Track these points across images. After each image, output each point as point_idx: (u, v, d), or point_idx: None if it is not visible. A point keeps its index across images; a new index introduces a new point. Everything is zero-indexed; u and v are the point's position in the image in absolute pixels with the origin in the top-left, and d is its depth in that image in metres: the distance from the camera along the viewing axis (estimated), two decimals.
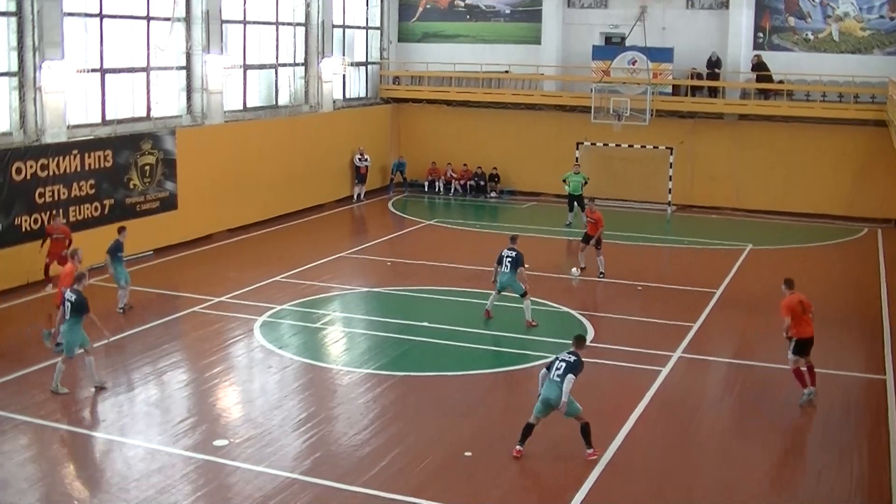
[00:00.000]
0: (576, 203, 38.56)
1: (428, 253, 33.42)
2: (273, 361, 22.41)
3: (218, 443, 17.80)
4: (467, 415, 19.36)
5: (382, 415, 19.41)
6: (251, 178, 37.15)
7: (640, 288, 29.23)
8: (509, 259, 25.28)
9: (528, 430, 17.45)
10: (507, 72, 45.92)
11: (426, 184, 46.95)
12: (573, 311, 26.32)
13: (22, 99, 28.68)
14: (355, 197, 44.09)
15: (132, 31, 32.98)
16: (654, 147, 42.45)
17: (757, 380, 21.89)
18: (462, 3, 47.89)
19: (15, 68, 28.58)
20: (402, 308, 27.09)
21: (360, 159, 43.99)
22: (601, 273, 30.32)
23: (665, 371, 21.92)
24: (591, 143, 43.18)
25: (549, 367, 17.43)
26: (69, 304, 20.18)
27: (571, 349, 17.59)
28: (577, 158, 42.76)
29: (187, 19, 34.84)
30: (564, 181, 39.41)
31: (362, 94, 47.63)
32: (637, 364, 22.34)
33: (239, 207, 36.63)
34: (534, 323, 25.10)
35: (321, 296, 27.81)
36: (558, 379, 17.09)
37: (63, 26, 29.25)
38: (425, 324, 25.02)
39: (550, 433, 18.02)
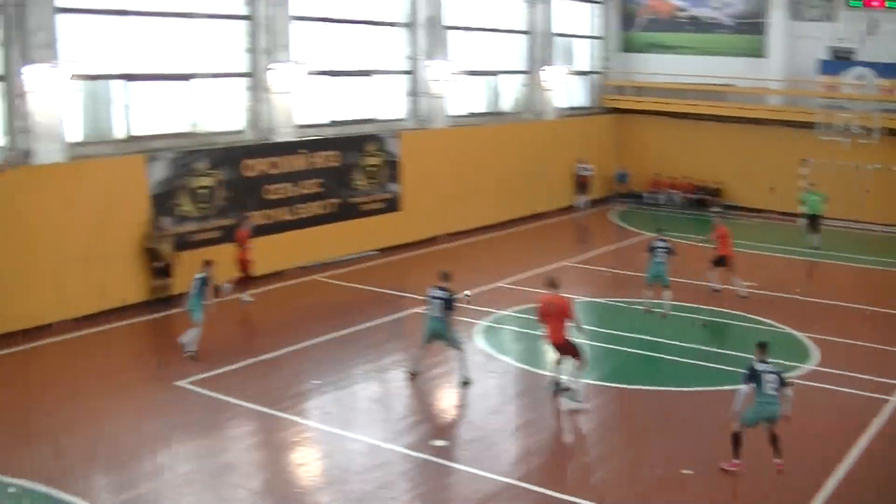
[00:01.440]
0: (814, 224, 37.22)
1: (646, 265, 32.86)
2: (493, 366, 22.34)
3: (437, 443, 17.80)
4: (687, 431, 18.84)
5: (601, 425, 19.10)
6: (473, 183, 37.29)
7: (869, 312, 28.05)
8: (663, 250, 25.99)
9: (738, 439, 16.90)
10: (731, 85, 44.97)
11: (648, 195, 46.36)
12: (796, 332, 25.44)
13: (254, 99, 29.41)
14: (577, 206, 43.82)
15: (359, 36, 33.49)
16: (885, 166, 40.80)
17: None
18: (684, 15, 47.16)
19: (248, 69, 29.32)
20: (623, 319, 26.68)
21: (582, 168, 43.72)
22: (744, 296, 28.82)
23: (894, 401, 20.91)
24: (818, 161, 41.84)
25: (751, 381, 16.69)
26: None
27: (762, 359, 16.87)
28: (803, 175, 41.55)
29: (412, 25, 35.21)
30: (802, 201, 38.26)
31: (585, 104, 47.35)
32: (863, 391, 21.27)
33: (461, 211, 36.81)
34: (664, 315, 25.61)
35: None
36: (775, 392, 16.58)
37: (291, 30, 29.88)
38: (646, 336, 24.58)
39: (764, 458, 17.42)
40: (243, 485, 15.86)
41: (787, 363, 22.50)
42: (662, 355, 23.07)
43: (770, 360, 16.89)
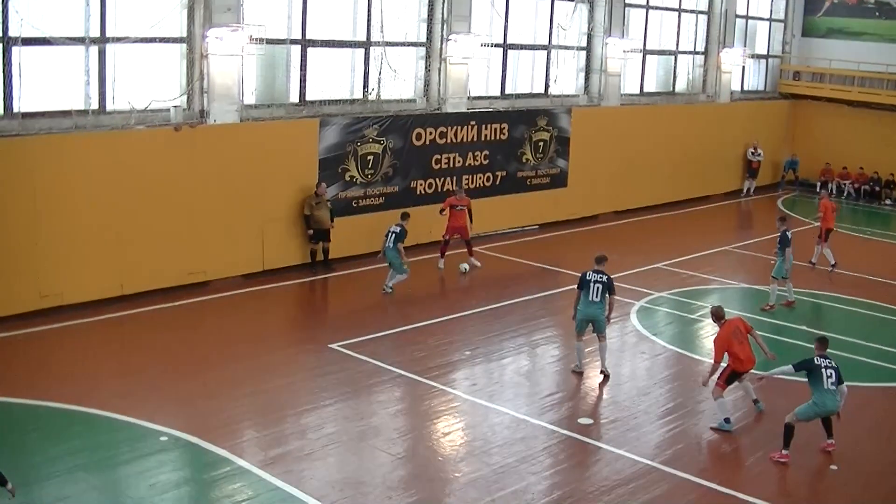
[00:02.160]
0: None
1: (811, 255, 32.33)
2: (645, 347, 22.33)
3: (582, 421, 17.90)
4: (837, 426, 18.57)
5: (749, 414, 18.90)
6: (641, 162, 37.13)
7: None
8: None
9: (791, 432, 16.86)
10: None
11: (818, 184, 45.48)
12: None
13: (428, 69, 29.79)
14: (745, 191, 43.32)
15: (537, 10, 33.55)
16: None
17: None
18: (872, 0, 45.91)
19: (424, 39, 29.67)
20: (781, 309, 26.37)
21: (753, 153, 43.13)
22: (831, 266, 30.18)
23: None
24: None
25: (808, 369, 16.98)
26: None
27: (821, 353, 17.18)
28: None
29: (591, 1, 35.10)
30: None
31: (760, 87, 46.63)
32: None
33: (627, 190, 36.70)
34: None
35: (700, 287, 27.47)
36: (834, 388, 16.73)
37: (472, 1, 30.08)
38: (804, 328, 24.23)
39: None
40: (387, 449, 16.18)
41: None
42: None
43: (829, 356, 17.10)
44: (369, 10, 27.95)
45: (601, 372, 20.15)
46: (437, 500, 14.78)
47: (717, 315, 18.84)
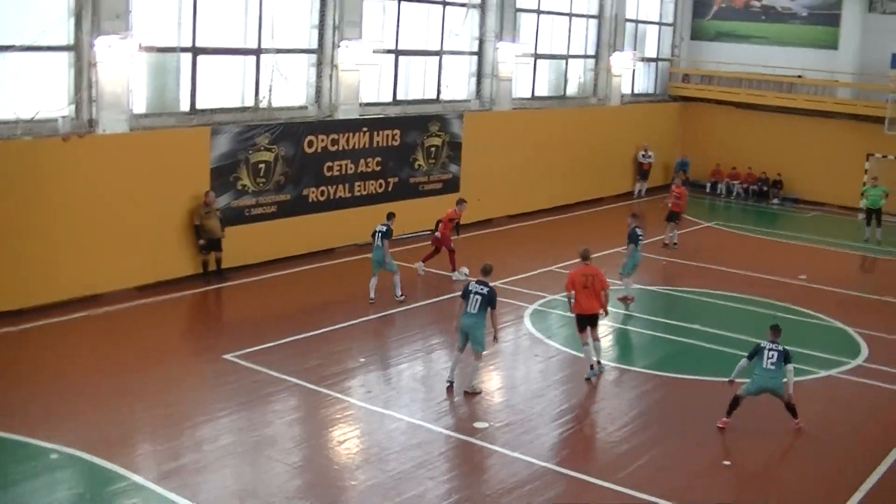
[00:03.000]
0: (874, 218, 37.17)
1: (704, 255, 32.91)
2: (539, 350, 22.53)
3: (478, 424, 18.00)
4: (731, 424, 18.94)
5: (644, 414, 19.19)
6: (534, 166, 37.40)
7: None
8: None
9: (736, 403, 18.44)
10: (800, 76, 44.64)
11: (708, 185, 46.24)
12: (848, 328, 25.39)
13: (319, 75, 29.70)
14: (636, 193, 43.86)
15: (428, 15, 33.69)
16: None
17: None
18: (758, 3, 46.77)
19: (315, 46, 29.59)
20: (674, 308, 26.80)
21: (643, 155, 43.70)
22: (674, 244, 33.42)
23: None
24: (884, 156, 41.46)
25: (754, 356, 18.40)
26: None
27: (771, 339, 18.44)
28: (865, 170, 41.31)
29: (482, 6, 35.33)
30: (863, 194, 38.17)
31: (650, 90, 47.27)
32: None
33: (520, 194, 36.95)
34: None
35: None
36: (773, 367, 18.13)
37: (363, 7, 30.07)
38: (697, 326, 24.63)
39: (812, 452, 17.63)
40: (283, 459, 16.13)
41: (835, 357, 22.65)
42: (712, 345, 23.06)
43: (779, 342, 18.31)
44: (260, 17, 27.76)
45: (465, 391, 19.65)
46: None
47: (584, 256, 21.32)
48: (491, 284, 19.86)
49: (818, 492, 16.44)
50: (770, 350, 18.20)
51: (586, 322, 20.65)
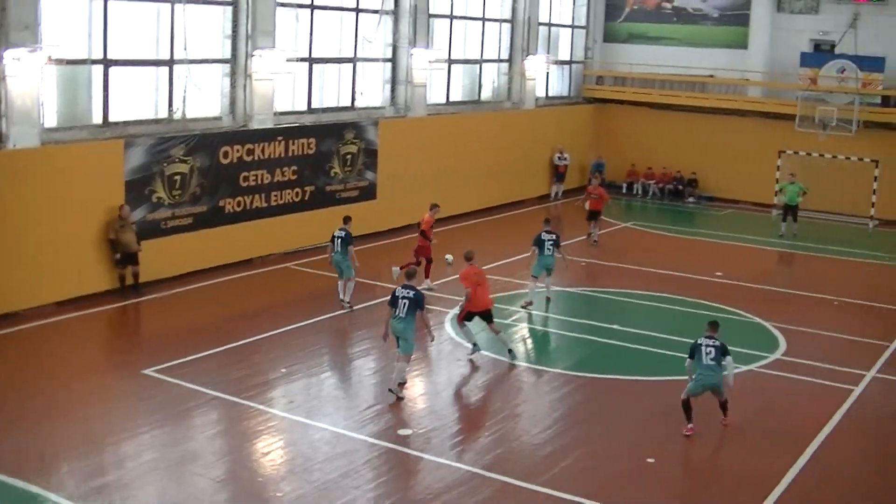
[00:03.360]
0: (790, 214, 37.87)
1: (622, 255, 33.19)
2: (461, 354, 22.53)
3: (402, 432, 17.99)
4: (653, 421, 19.13)
5: (567, 415, 19.31)
6: (451, 171, 37.42)
7: (836, 303, 28.43)
8: (550, 242, 26.58)
9: (687, 405, 18.48)
10: (711, 76, 45.21)
11: (624, 185, 46.64)
12: (766, 323, 25.76)
13: (233, 85, 29.51)
14: (553, 195, 44.10)
15: (341, 23, 33.60)
16: (860, 159, 41.11)
17: None
18: (669, 5, 47.35)
19: (228, 55, 29.40)
20: (594, 309, 26.97)
21: (559, 158, 43.96)
22: (594, 242, 34.48)
23: (858, 390, 21.21)
24: (794, 152, 42.07)
25: (694, 354, 18.43)
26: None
27: (709, 335, 18.49)
28: (778, 167, 41.91)
29: (395, 12, 35.32)
30: (780, 190, 38.81)
31: (565, 93, 47.58)
32: (829, 381, 21.67)
33: (438, 199, 36.72)
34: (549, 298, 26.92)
35: (514, 292, 27.84)
36: (713, 362, 18.19)
37: (276, 16, 29.94)
38: (616, 326, 24.83)
39: (733, 447, 17.84)
40: (206, 474, 15.98)
41: (754, 352, 22.96)
42: (632, 345, 23.24)
43: (716, 336, 18.35)
44: (172, 28, 27.48)
45: (389, 390, 19.75)
46: None
47: (467, 257, 22.35)
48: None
49: (742, 486, 16.60)
50: (707, 346, 18.28)
51: (479, 316, 21.81)
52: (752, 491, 16.30)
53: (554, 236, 26.63)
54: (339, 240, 25.56)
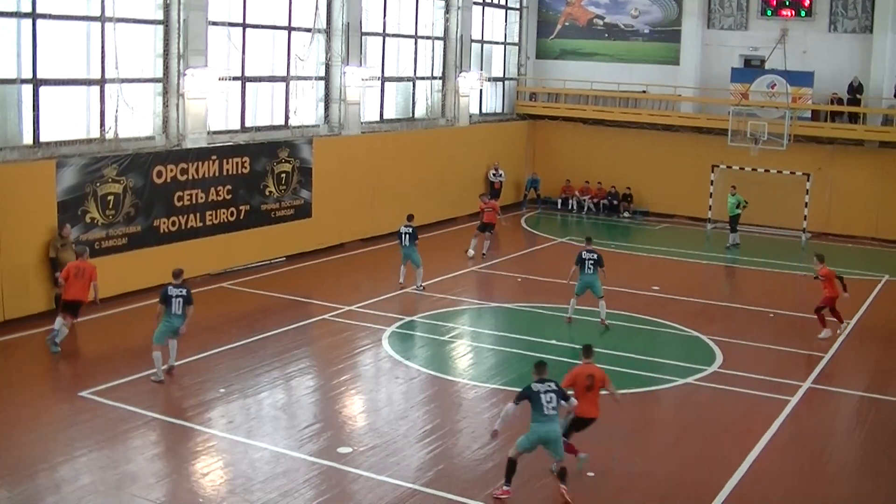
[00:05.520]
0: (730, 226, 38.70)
1: (559, 271, 33.19)
2: (400, 372, 22.51)
3: (342, 450, 17.90)
4: (592, 435, 19.15)
5: (507, 430, 19.23)
6: (386, 189, 37.42)
7: (772, 315, 28.74)
8: (591, 261, 26.27)
9: (513, 466, 16.41)
10: (644, 92, 45.61)
11: (559, 201, 46.88)
12: (703, 336, 25.98)
13: (165, 104, 29.29)
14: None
15: (274, 41, 33.51)
16: (791, 172, 41.71)
17: (890, 414, 21.37)
18: (601, 22, 47.74)
19: (160, 74, 29.19)
20: (531, 325, 27.02)
21: (494, 174, 44.10)
22: (483, 254, 34.93)
23: (794, 401, 21.43)
24: (727, 167, 42.57)
25: (527, 399, 16.21)
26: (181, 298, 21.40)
27: (540, 378, 16.44)
28: (711, 181, 42.36)
29: (328, 31, 35.28)
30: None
31: (498, 110, 47.77)
32: (765, 392, 21.89)
33: (373, 218, 36.92)
34: (605, 323, 26.08)
35: (450, 309, 27.89)
36: (554, 411, 16.18)
37: (207, 35, 29.79)
38: (553, 342, 24.91)
39: (672, 460, 17.94)
40: (146, 496, 15.79)
41: (691, 365, 23.14)
42: (570, 360, 23.06)
43: (548, 378, 16.47)
44: (103, 47, 27.24)
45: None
46: None
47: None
48: (345, 308, 19.92)
49: (680, 499, 16.71)
50: (547, 393, 16.16)
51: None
52: (692, 499, 16.37)
53: (595, 256, 26.52)
54: (407, 235, 29.22)
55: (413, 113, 41.39)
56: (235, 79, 31.72)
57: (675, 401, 21.88)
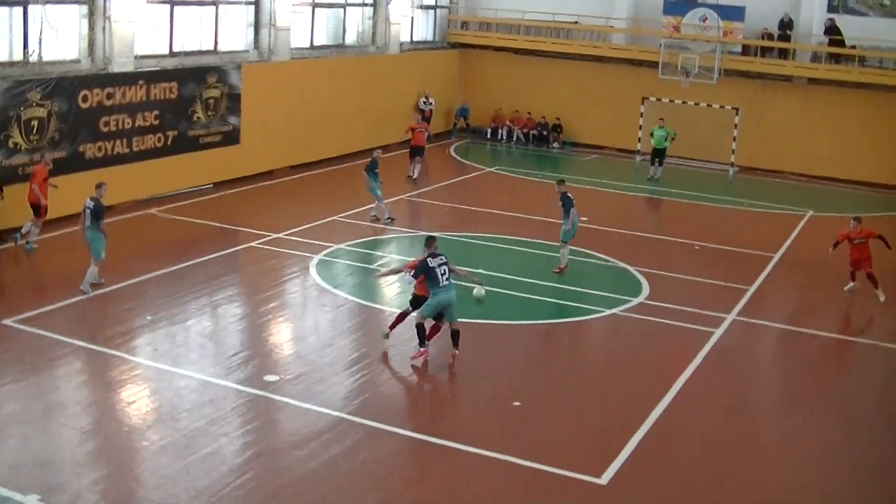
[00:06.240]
0: (657, 157, 38.81)
1: (487, 200, 33.43)
2: (327, 300, 22.54)
3: (269, 378, 17.91)
4: (520, 364, 19.40)
5: (434, 359, 19.41)
6: (315, 116, 37.19)
7: (697, 247, 29.08)
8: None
9: (422, 329, 18.89)
10: (576, 23, 45.51)
11: (489, 131, 46.86)
12: (629, 267, 26.21)
13: (91, 27, 28.77)
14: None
15: None
16: (721, 107, 41.97)
17: (811, 346, 21.79)
18: None
19: None
20: (459, 254, 26.96)
21: (424, 102, 43.94)
22: (414, 179, 35.70)
23: (718, 333, 21.78)
24: (657, 99, 42.71)
25: (424, 273, 18.75)
26: (88, 210, 21.51)
27: (432, 253, 19.01)
28: (641, 113, 42.56)
29: None
30: (651, 134, 39.47)
31: (430, 38, 47.44)
32: (690, 324, 22.21)
33: (301, 145, 36.71)
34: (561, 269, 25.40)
35: (379, 237, 27.92)
36: (448, 282, 18.69)
37: None
38: (481, 271, 24.95)
39: (598, 389, 18.20)
40: (72, 424, 15.74)
41: (618, 296, 23.36)
42: (497, 289, 23.38)
43: (438, 253, 18.99)
44: None
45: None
46: (128, 470, 14.53)
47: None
48: (273, 236, 19.88)
49: (606, 428, 16.96)
50: (440, 266, 18.72)
51: None
52: (614, 434, 16.62)
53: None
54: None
55: (343, 40, 41.01)
56: (164, 2, 31.22)
57: (602, 331, 22.13)
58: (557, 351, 20.67)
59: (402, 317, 19.67)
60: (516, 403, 17.50)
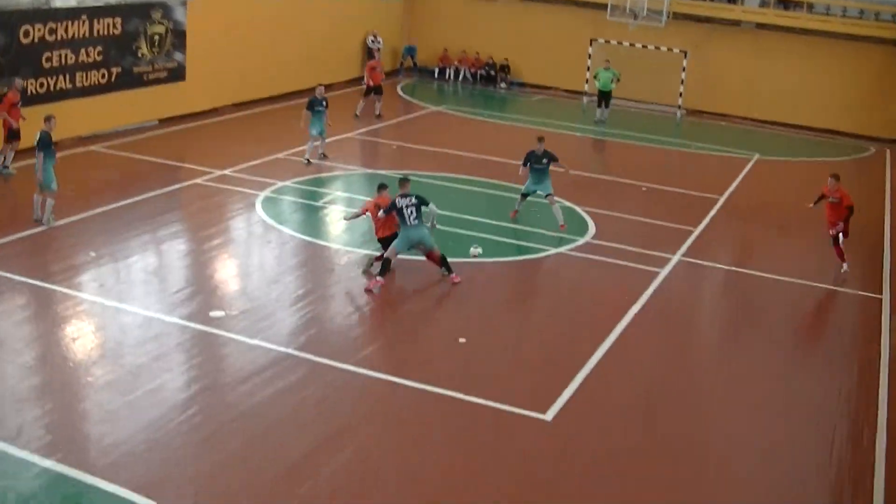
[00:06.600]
0: (603, 99, 38.80)
1: (434, 139, 33.36)
2: (272, 236, 22.48)
3: (214, 314, 17.85)
4: (465, 302, 19.45)
5: (380, 295, 19.44)
6: (261, 53, 36.87)
7: (644, 189, 29.23)
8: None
9: (388, 264, 19.67)
10: None
11: (436, 70, 46.71)
12: (576, 207, 26.31)
13: None
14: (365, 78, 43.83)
15: None
16: (669, 49, 42.03)
17: (754, 288, 22.00)
18: None
19: None
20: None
21: (372, 41, 43.66)
22: (377, 115, 36.12)
23: (663, 273, 21.94)
24: (606, 41, 42.70)
25: (394, 211, 19.81)
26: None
27: (403, 193, 20.11)
28: (589, 55, 42.53)
29: None
30: (596, 77, 39.43)
31: None
32: (636, 264, 22.36)
33: (247, 82, 36.41)
34: (563, 226, 24.55)
35: (324, 174, 27.81)
36: (417, 221, 19.81)
37: None
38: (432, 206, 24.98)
39: (543, 327, 18.28)
40: (14, 360, 15.63)
41: (564, 235, 23.47)
42: (443, 227, 23.31)
43: (409, 193, 19.98)
44: None
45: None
46: (72, 406, 14.47)
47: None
48: (218, 173, 19.80)
49: (550, 366, 17.09)
50: (408, 207, 19.78)
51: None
52: (559, 371, 16.74)
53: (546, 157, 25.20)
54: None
55: None
56: None
57: (548, 270, 22.23)
58: (504, 289, 20.74)
59: (383, 261, 19.90)
60: (462, 340, 17.58)
